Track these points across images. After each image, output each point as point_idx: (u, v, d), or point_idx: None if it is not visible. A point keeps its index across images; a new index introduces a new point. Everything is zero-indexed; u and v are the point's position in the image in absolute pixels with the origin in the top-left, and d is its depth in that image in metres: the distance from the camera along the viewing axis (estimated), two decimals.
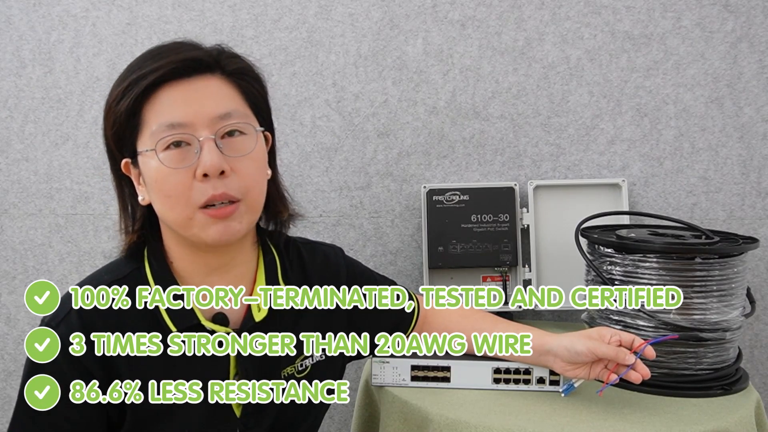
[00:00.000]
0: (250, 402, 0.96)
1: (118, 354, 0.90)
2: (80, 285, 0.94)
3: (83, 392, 0.89)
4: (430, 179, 1.58)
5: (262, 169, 0.94)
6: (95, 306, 0.90)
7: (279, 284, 1.00)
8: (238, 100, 0.92)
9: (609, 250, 1.19)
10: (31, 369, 0.90)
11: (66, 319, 0.89)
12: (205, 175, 0.86)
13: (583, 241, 1.26)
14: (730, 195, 1.55)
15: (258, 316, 0.96)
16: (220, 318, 0.95)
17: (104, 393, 0.90)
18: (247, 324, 0.95)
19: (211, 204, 0.87)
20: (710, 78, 1.53)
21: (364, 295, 1.11)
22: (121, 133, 0.89)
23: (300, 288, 1.04)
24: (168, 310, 0.92)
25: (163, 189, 0.87)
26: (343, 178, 1.59)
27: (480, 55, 1.55)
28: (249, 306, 0.97)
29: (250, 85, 0.94)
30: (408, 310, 1.16)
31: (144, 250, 0.96)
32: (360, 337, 1.11)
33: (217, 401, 0.94)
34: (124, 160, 0.92)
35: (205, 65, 0.89)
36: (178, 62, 0.87)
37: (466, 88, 1.56)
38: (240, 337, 0.95)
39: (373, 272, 1.16)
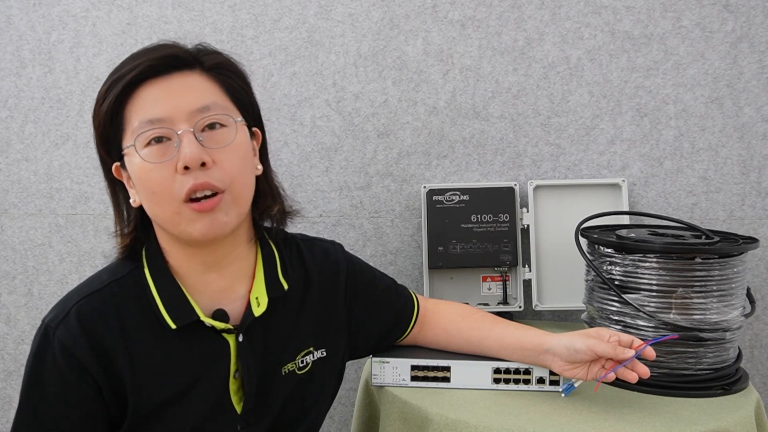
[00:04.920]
0: (250, 398, 0.96)
1: (118, 353, 0.90)
2: (80, 287, 0.94)
3: (83, 392, 0.89)
4: (430, 179, 1.58)
5: (246, 161, 0.93)
6: (95, 307, 0.91)
7: (279, 279, 1.00)
8: (217, 94, 0.92)
9: (609, 250, 1.19)
10: (33, 369, 0.91)
11: (65, 320, 0.89)
12: (186, 168, 0.86)
13: (583, 241, 1.26)
14: (730, 195, 1.55)
15: (257, 311, 0.96)
16: (219, 314, 0.95)
17: (104, 393, 0.90)
18: (247, 320, 0.95)
19: (195, 198, 0.87)
20: (710, 78, 1.53)
21: (364, 293, 1.11)
22: (106, 134, 0.90)
23: (300, 284, 1.04)
24: (167, 307, 0.92)
25: (147, 185, 0.88)
26: (343, 178, 1.59)
27: (480, 55, 1.55)
28: (249, 302, 0.97)
29: (231, 80, 0.94)
30: (407, 309, 1.16)
31: (142, 250, 0.96)
32: (359, 334, 1.11)
33: (217, 398, 0.94)
34: (114, 164, 0.93)
35: (183, 62, 0.90)
36: (156, 59, 0.88)
37: (466, 88, 1.56)
38: (240, 333, 0.95)
39: (373, 269, 1.16)
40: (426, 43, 1.55)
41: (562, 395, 1.06)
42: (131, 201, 0.93)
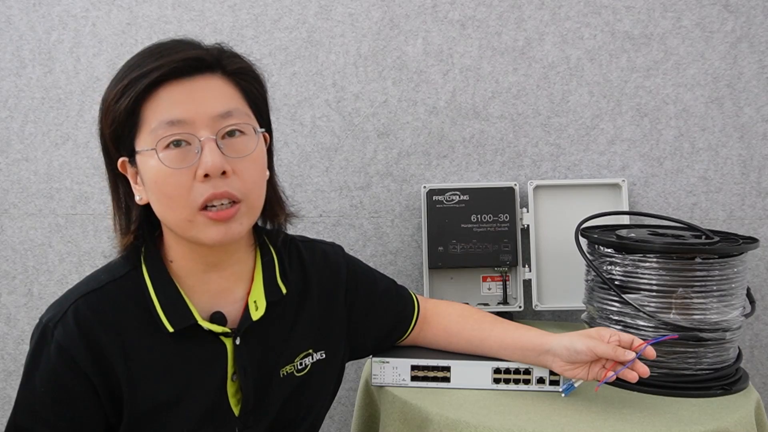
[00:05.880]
0: (248, 401, 0.96)
1: (114, 354, 0.90)
2: (78, 286, 0.94)
3: (78, 392, 0.89)
4: (430, 179, 1.58)
5: (262, 171, 0.93)
6: (92, 306, 0.90)
7: (277, 282, 1.00)
8: (238, 100, 0.91)
9: (609, 250, 1.19)
10: (29, 369, 0.90)
11: (63, 320, 0.89)
12: (206, 176, 0.86)
13: (583, 241, 1.26)
14: (730, 195, 1.55)
15: (255, 315, 0.96)
16: (217, 317, 0.95)
17: (100, 393, 0.90)
18: (245, 323, 0.95)
19: (211, 205, 0.87)
20: (710, 78, 1.53)
21: (364, 294, 1.11)
22: (120, 131, 0.89)
23: (299, 286, 1.04)
24: (165, 310, 0.92)
25: (163, 189, 0.87)
26: (343, 178, 1.59)
27: (480, 55, 1.55)
28: (247, 304, 0.97)
29: (251, 85, 0.94)
30: (408, 310, 1.16)
31: (141, 250, 0.96)
32: (359, 336, 1.11)
33: (215, 400, 0.94)
34: (120, 159, 0.92)
35: (206, 65, 0.89)
36: (179, 61, 0.87)
37: (466, 88, 1.56)
38: (238, 336, 0.95)
39: (373, 271, 1.16)
40: (426, 43, 1.55)
41: (562, 395, 1.06)
42: (137, 199, 0.92)
